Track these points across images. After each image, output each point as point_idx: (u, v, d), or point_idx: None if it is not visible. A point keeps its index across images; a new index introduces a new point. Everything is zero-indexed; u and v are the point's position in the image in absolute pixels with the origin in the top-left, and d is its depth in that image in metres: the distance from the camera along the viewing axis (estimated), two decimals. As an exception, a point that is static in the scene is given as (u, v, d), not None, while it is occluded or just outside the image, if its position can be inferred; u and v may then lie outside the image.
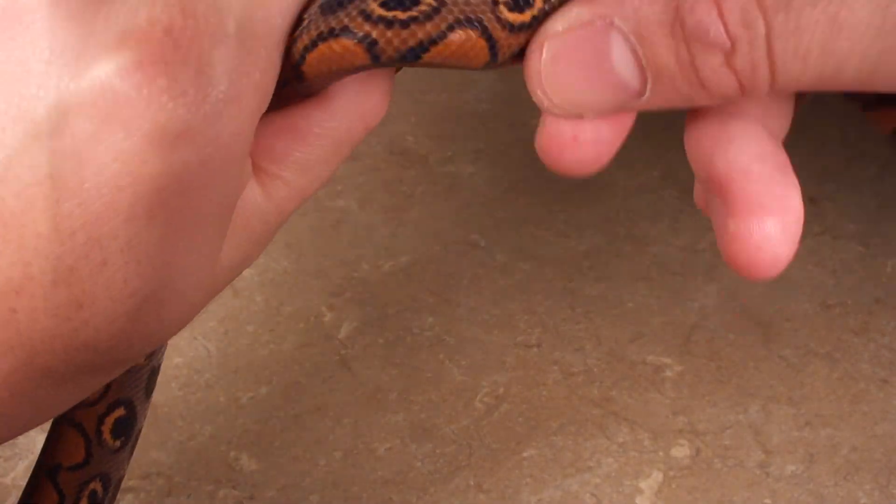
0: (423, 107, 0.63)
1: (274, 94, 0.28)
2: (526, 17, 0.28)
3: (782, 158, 0.28)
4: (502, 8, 0.28)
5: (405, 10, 0.28)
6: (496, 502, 0.44)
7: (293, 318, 0.52)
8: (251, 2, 0.27)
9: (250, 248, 0.30)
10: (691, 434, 0.46)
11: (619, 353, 0.49)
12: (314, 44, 0.28)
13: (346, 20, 0.28)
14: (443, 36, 0.28)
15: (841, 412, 0.46)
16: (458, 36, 0.28)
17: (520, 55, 0.28)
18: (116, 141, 0.25)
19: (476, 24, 0.28)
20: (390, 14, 0.27)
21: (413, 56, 0.28)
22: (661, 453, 0.45)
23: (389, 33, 0.28)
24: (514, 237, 0.55)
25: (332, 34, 0.28)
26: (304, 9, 0.28)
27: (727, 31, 0.25)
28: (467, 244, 0.55)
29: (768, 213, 0.27)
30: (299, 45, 0.28)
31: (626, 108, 0.28)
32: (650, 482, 0.44)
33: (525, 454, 0.45)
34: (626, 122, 0.29)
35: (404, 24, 0.28)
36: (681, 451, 0.45)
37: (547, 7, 0.28)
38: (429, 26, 0.28)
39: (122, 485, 0.45)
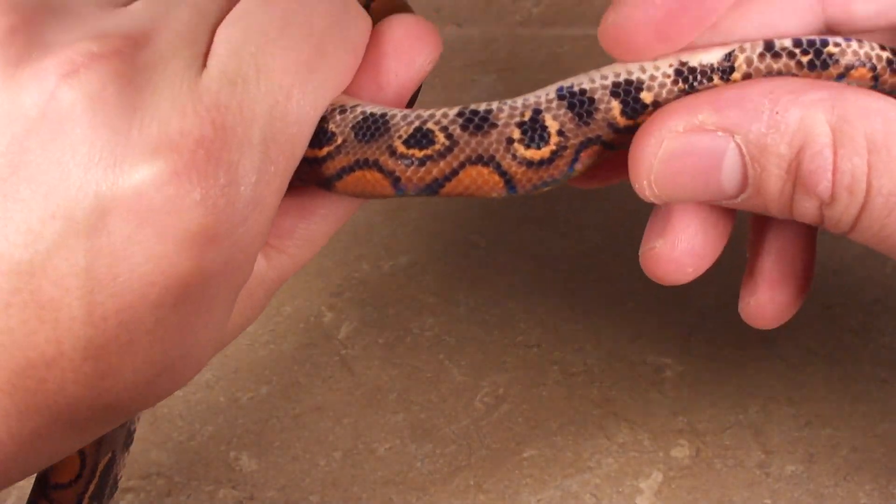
0: (422, 106, 0.63)
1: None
2: (545, 152, 0.29)
3: (806, 257, 0.33)
4: (517, 145, 0.29)
5: (422, 148, 0.29)
6: (496, 502, 0.44)
7: (293, 318, 0.52)
8: (274, 111, 0.28)
9: (253, 312, 0.32)
10: (691, 434, 0.46)
11: (619, 353, 0.49)
12: (352, 168, 0.30)
13: (377, 153, 0.30)
14: (455, 173, 0.29)
15: (841, 412, 0.46)
16: (468, 173, 0.29)
17: (552, 183, 0.30)
18: (150, 245, 0.27)
19: (488, 161, 0.29)
20: (409, 152, 0.30)
21: (431, 190, 0.30)
22: (661, 453, 0.45)
23: (409, 171, 0.30)
24: (514, 237, 0.55)
25: (367, 164, 0.30)
26: (327, 119, 0.30)
27: (832, 190, 0.27)
28: (467, 244, 0.55)
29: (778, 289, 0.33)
30: (336, 164, 0.30)
31: (712, 203, 0.30)
32: (650, 482, 0.44)
33: (525, 454, 0.45)
34: (723, 239, 0.32)
35: (421, 162, 0.29)
36: (681, 452, 0.45)
37: (565, 141, 0.29)
38: (442, 164, 0.29)
39: (122, 485, 0.45)
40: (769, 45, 0.28)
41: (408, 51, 0.32)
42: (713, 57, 0.29)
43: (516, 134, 0.29)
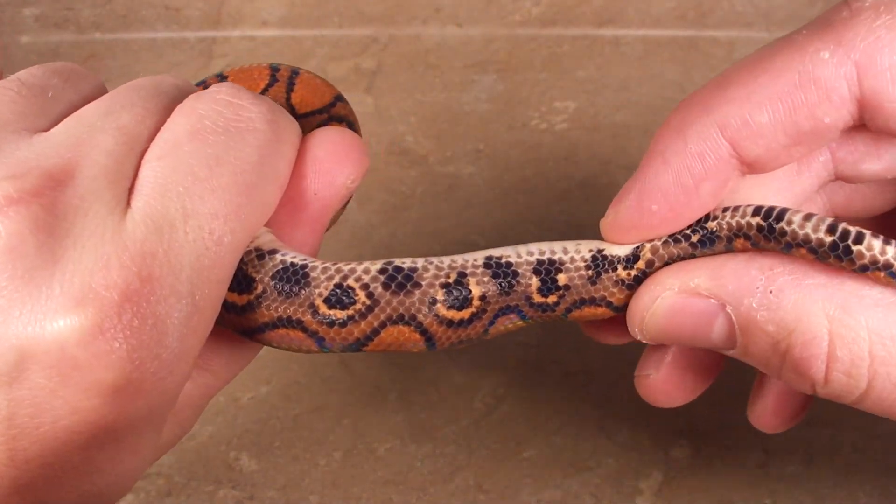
0: (422, 107, 0.63)
1: None
2: (465, 314, 0.31)
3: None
4: (440, 306, 0.30)
5: (343, 308, 0.30)
6: (496, 502, 0.44)
7: (293, 318, 0.52)
8: (202, 258, 0.27)
9: (183, 430, 0.32)
10: (691, 434, 0.46)
11: (618, 353, 0.49)
12: (275, 325, 0.30)
13: (299, 312, 0.30)
14: (377, 332, 0.30)
15: (841, 412, 0.46)
16: (390, 332, 0.30)
17: (467, 342, 0.31)
18: (74, 398, 0.26)
19: (409, 320, 0.30)
20: (331, 312, 0.30)
21: (355, 348, 0.30)
22: (661, 453, 0.45)
23: (332, 332, 0.30)
24: (514, 237, 0.55)
25: (290, 323, 0.30)
26: (245, 262, 0.30)
27: (826, 375, 0.28)
28: (467, 244, 0.55)
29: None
30: (258, 317, 0.30)
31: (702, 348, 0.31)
32: (650, 482, 0.44)
33: (525, 454, 0.45)
34: (711, 378, 0.34)
35: (343, 324, 0.30)
36: (681, 451, 0.45)
37: (485, 306, 0.31)
38: (363, 324, 0.30)
39: (122, 485, 0.45)
40: (672, 235, 0.31)
41: (329, 170, 0.31)
42: (624, 250, 0.31)
43: (440, 295, 0.30)
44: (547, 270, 0.31)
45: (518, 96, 0.63)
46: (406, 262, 0.30)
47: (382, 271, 0.30)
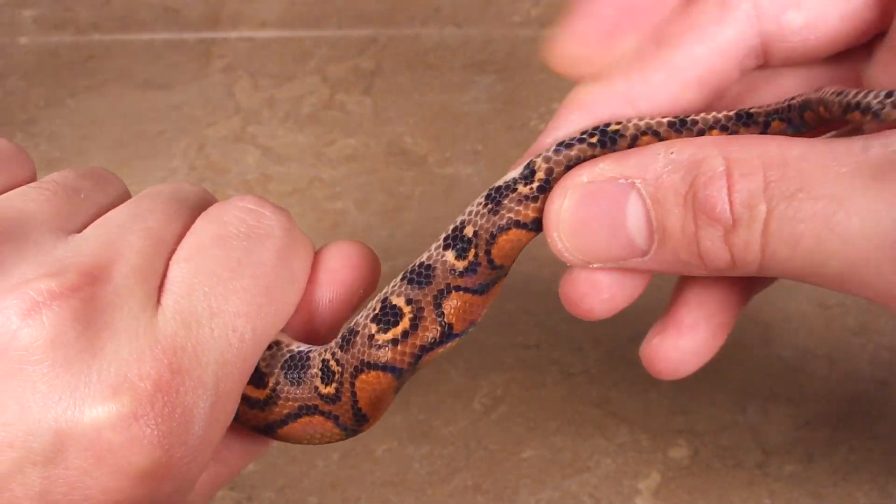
0: (421, 108, 0.63)
1: None
2: (405, 325, 0.31)
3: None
4: (377, 336, 0.31)
5: (330, 382, 0.31)
6: (495, 503, 0.44)
7: (292, 319, 0.52)
8: (226, 353, 0.30)
9: None
10: (690, 434, 0.46)
11: (617, 353, 0.49)
12: (297, 415, 0.32)
13: (307, 397, 0.32)
14: (353, 392, 0.31)
15: (839, 412, 0.46)
16: (360, 388, 0.31)
17: (433, 346, 0.31)
18: (106, 479, 0.28)
19: (370, 366, 0.31)
20: (326, 390, 0.31)
21: (359, 416, 0.32)
22: (659, 454, 0.45)
23: (333, 407, 0.32)
24: (513, 238, 0.55)
25: (307, 409, 0.32)
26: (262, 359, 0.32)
27: (731, 210, 0.28)
28: (466, 245, 0.55)
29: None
30: (281, 409, 0.32)
31: (627, 265, 0.30)
32: (649, 483, 0.44)
33: (524, 455, 0.45)
34: (641, 281, 0.32)
35: (337, 397, 0.31)
36: (679, 452, 0.45)
37: (418, 304, 0.31)
38: (346, 386, 0.31)
39: (121, 486, 0.45)
40: (561, 142, 0.30)
41: (342, 281, 0.33)
42: (516, 172, 0.31)
43: (373, 328, 0.31)
44: (454, 237, 0.31)
45: (517, 97, 0.63)
46: (352, 320, 0.32)
47: (340, 337, 0.31)
